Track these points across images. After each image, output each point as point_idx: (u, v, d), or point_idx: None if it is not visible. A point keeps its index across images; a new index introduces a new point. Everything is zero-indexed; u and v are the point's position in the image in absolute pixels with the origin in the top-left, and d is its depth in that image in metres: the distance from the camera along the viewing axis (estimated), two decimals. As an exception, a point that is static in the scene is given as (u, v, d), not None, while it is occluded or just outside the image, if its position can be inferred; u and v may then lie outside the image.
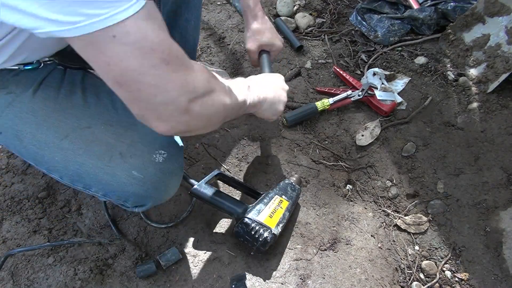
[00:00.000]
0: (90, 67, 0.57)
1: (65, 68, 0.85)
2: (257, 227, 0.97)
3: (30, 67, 0.80)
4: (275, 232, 0.98)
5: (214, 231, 1.11)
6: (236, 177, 1.21)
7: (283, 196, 1.07)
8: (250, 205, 1.02)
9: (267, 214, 1.00)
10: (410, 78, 1.43)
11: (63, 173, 0.81)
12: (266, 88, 0.96)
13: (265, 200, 1.04)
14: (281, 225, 1.01)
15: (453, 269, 1.08)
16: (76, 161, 0.78)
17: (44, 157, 0.80)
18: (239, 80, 0.89)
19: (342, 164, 1.26)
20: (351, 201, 1.20)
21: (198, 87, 0.63)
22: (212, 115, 0.69)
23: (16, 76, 0.79)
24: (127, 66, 0.54)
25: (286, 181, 1.11)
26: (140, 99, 0.58)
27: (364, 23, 1.58)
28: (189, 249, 1.07)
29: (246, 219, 0.98)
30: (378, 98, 1.34)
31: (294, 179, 1.13)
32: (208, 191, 1.02)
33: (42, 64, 0.82)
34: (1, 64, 0.75)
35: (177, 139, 0.88)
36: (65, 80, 0.83)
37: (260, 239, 0.96)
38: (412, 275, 1.07)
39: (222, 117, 0.74)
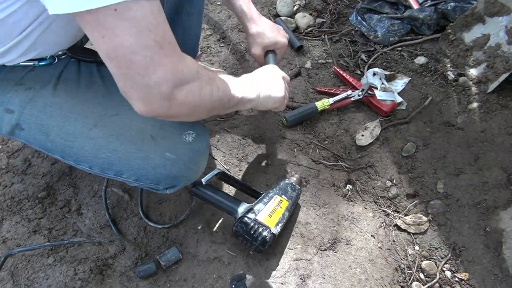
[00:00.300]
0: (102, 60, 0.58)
1: (78, 61, 0.86)
2: (256, 226, 0.97)
3: (44, 63, 0.80)
4: (274, 232, 0.98)
5: (214, 231, 1.11)
6: (236, 176, 1.21)
7: (283, 196, 1.06)
8: (250, 205, 1.02)
9: (267, 213, 1.00)
10: (410, 78, 1.43)
11: (93, 163, 0.82)
12: (261, 80, 0.95)
13: (265, 200, 1.04)
14: (280, 224, 1.01)
15: (453, 269, 1.08)
16: (108, 148, 0.79)
17: (73, 148, 0.80)
18: (233, 77, 0.90)
19: (342, 164, 1.26)
20: (351, 201, 1.20)
21: (186, 75, 0.63)
22: (197, 105, 0.69)
23: (31, 71, 0.80)
24: (122, 42, 0.54)
25: (286, 181, 1.11)
26: (127, 76, 0.59)
27: (364, 23, 1.58)
28: (189, 249, 1.07)
29: (246, 218, 0.98)
30: (378, 98, 1.34)
31: (295, 179, 1.13)
32: (208, 190, 1.02)
33: (56, 59, 0.82)
34: (16, 59, 0.75)
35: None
36: (81, 72, 0.84)
37: (259, 239, 0.96)
38: (412, 275, 1.07)
39: (209, 108, 0.74)
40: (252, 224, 0.97)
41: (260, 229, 0.97)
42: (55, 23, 0.71)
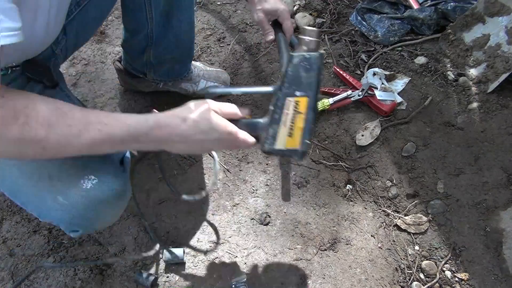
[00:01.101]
0: (50, 84, 0.52)
1: (28, 79, 0.79)
2: (282, 153, 0.78)
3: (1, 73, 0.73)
4: (303, 150, 0.76)
5: (214, 231, 1.11)
6: (236, 177, 1.21)
7: (297, 93, 0.74)
8: (263, 127, 0.76)
9: (285, 134, 0.75)
10: (410, 78, 1.43)
11: (4, 188, 0.78)
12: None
13: (276, 116, 0.75)
14: (307, 134, 0.75)
15: (453, 269, 1.08)
16: (10, 177, 0.75)
17: None
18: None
19: (342, 164, 1.26)
20: (351, 201, 1.20)
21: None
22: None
23: None
24: None
25: (295, 59, 0.73)
26: None
27: (364, 23, 1.58)
28: (189, 249, 1.07)
29: (266, 151, 0.77)
30: (378, 98, 1.34)
31: (307, 40, 0.76)
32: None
33: (10, 71, 0.75)
34: None
35: (125, 166, 0.82)
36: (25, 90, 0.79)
37: (292, 157, 0.81)
38: (412, 275, 1.07)
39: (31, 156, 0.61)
40: (276, 153, 0.78)
41: (287, 154, 0.77)
42: None
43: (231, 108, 0.74)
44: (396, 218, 1.16)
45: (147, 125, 0.64)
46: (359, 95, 1.35)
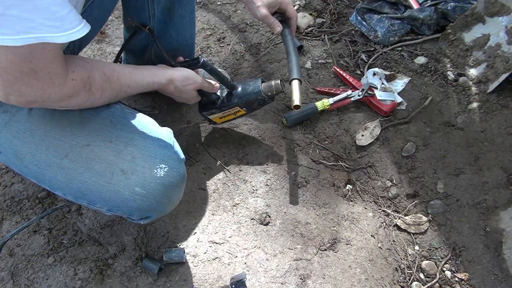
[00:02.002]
0: None
1: None
2: (204, 117, 1.19)
3: None
4: (212, 123, 1.22)
5: (214, 231, 1.11)
6: (236, 177, 1.21)
7: (244, 108, 1.13)
8: (213, 104, 1.13)
9: (218, 116, 1.17)
10: (410, 78, 1.43)
11: (66, 191, 0.81)
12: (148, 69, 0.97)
13: (224, 108, 1.13)
14: (225, 123, 1.24)
15: (453, 269, 1.08)
16: (79, 180, 0.79)
17: (45, 176, 0.80)
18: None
19: (342, 164, 1.26)
20: (351, 201, 1.20)
21: (53, 98, 0.71)
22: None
23: None
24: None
25: (258, 95, 1.09)
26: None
27: (364, 23, 1.58)
28: (189, 249, 1.07)
29: (200, 112, 1.16)
30: (378, 98, 1.34)
31: (267, 89, 1.10)
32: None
33: None
34: None
35: (178, 150, 0.88)
36: None
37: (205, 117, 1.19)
38: (412, 275, 1.07)
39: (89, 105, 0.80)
40: (202, 116, 1.18)
41: (204, 119, 1.20)
42: None
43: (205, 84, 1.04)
44: (396, 218, 1.16)
45: (158, 84, 0.96)
46: (359, 95, 1.35)
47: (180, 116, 1.34)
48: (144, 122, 0.86)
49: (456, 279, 1.07)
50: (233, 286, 0.97)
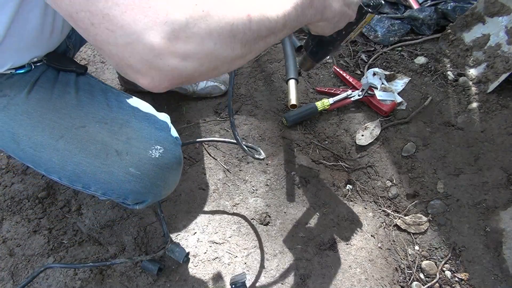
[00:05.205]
0: (81, 70, 0.56)
1: (58, 70, 0.86)
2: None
3: (22, 71, 0.80)
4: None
5: (214, 231, 1.11)
6: (236, 177, 1.21)
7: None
8: None
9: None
10: (410, 78, 1.43)
11: (61, 174, 0.81)
12: None
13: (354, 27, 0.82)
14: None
15: (453, 269, 1.08)
16: (73, 161, 0.78)
17: (41, 158, 0.80)
18: None
19: (342, 164, 1.26)
20: (351, 201, 1.20)
21: (175, 13, 0.43)
22: (217, 49, 0.47)
23: (9, 78, 0.79)
24: None
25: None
26: (98, 40, 0.44)
27: (364, 23, 1.58)
28: (189, 249, 1.07)
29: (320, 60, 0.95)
30: (378, 98, 1.34)
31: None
32: None
33: (33, 66, 0.82)
34: None
35: (174, 133, 0.88)
36: (58, 80, 0.83)
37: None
38: (412, 275, 1.07)
39: (238, 45, 0.49)
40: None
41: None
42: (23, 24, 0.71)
43: None
44: (396, 218, 1.16)
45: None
46: (359, 95, 1.35)
47: (180, 116, 1.34)
48: (141, 106, 0.86)
49: (456, 279, 1.07)
50: (233, 286, 0.97)
